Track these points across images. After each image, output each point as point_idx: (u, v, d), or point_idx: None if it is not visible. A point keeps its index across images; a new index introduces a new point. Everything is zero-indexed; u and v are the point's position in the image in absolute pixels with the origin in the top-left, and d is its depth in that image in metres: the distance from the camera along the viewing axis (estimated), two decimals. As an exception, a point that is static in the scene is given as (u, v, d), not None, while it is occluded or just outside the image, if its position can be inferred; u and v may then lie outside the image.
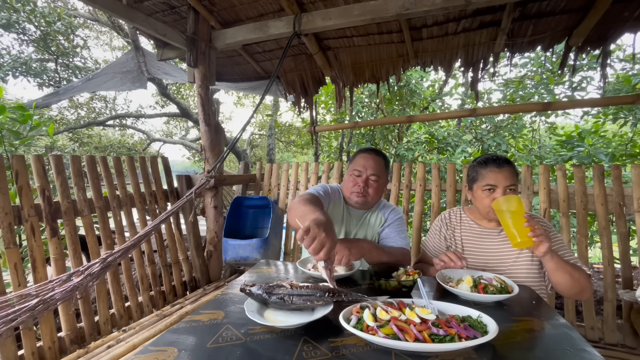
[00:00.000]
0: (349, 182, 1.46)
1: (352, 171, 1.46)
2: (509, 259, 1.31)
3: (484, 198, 1.28)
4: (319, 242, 0.88)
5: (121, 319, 2.04)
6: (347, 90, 3.18)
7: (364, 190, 1.42)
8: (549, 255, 1.10)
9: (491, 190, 1.26)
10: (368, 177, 1.43)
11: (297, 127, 12.46)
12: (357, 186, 1.43)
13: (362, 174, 1.43)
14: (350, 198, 1.46)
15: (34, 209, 1.70)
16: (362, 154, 1.48)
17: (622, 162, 3.65)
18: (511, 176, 1.26)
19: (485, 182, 1.27)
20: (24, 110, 2.45)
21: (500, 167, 1.26)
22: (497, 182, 1.25)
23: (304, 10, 2.34)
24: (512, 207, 1.11)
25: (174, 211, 2.29)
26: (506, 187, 1.24)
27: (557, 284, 1.16)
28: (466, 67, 2.67)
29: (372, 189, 1.44)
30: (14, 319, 1.45)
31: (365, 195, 1.43)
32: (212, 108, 2.70)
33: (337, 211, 1.50)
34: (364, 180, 1.42)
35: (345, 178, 1.50)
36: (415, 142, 5.69)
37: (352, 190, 1.45)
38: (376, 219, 1.51)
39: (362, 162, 1.45)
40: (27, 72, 7.37)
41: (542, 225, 1.30)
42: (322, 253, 0.89)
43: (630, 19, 2.12)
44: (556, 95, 4.96)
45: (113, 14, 2.10)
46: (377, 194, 1.46)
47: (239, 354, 0.71)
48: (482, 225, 1.39)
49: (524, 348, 0.75)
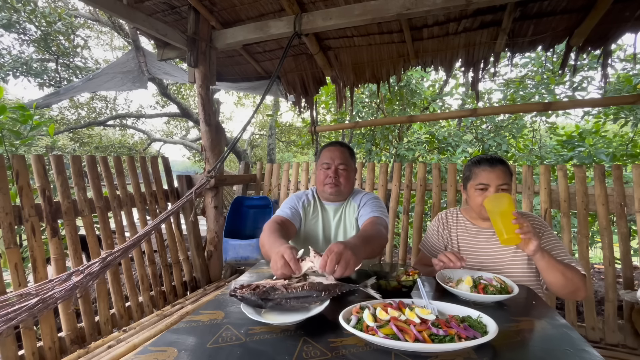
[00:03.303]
0: (320, 176, 1.52)
1: (321, 165, 1.52)
2: (505, 258, 1.31)
3: (476, 197, 1.30)
4: (344, 262, 0.94)
5: (121, 319, 2.05)
6: (348, 90, 3.18)
7: (335, 180, 1.48)
8: (539, 253, 1.11)
9: (484, 189, 1.29)
10: (337, 167, 1.49)
11: (298, 127, 12.46)
12: (328, 177, 1.49)
13: (331, 165, 1.50)
14: (325, 190, 1.51)
15: (35, 209, 1.71)
16: (327, 147, 1.56)
17: (622, 162, 3.65)
18: (503, 175, 1.27)
19: (478, 181, 1.30)
20: (25, 110, 2.46)
21: (492, 167, 1.28)
22: (490, 181, 1.27)
23: (305, 10, 2.34)
24: (501, 205, 1.12)
25: (174, 211, 2.29)
26: (498, 186, 1.26)
27: (549, 283, 1.16)
28: (467, 67, 2.67)
29: (343, 178, 1.50)
30: (14, 317, 1.46)
31: (338, 184, 1.49)
32: (213, 108, 2.70)
33: (313, 212, 1.56)
34: (334, 170, 1.49)
35: (317, 173, 1.55)
36: (416, 142, 5.69)
37: (324, 182, 1.50)
38: (351, 209, 1.56)
39: (328, 154, 1.51)
40: (28, 72, 7.38)
41: (535, 223, 1.30)
42: (348, 271, 0.96)
43: (631, 19, 2.11)
44: (557, 95, 4.95)
45: (114, 14, 2.10)
46: (348, 182, 1.52)
47: (239, 354, 0.71)
48: (477, 225, 1.40)
49: (524, 348, 0.74)
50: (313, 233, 1.54)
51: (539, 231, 1.30)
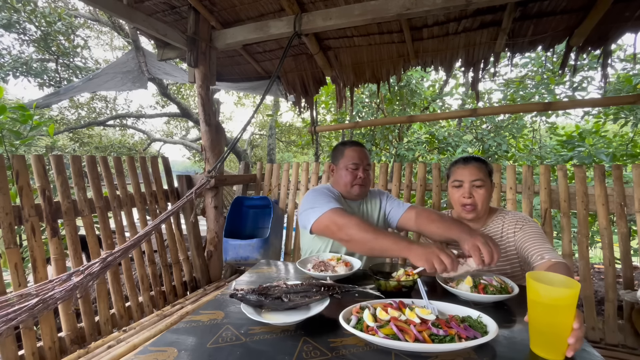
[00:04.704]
0: (348, 177, 1.52)
1: (348, 165, 1.52)
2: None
3: (453, 193, 1.37)
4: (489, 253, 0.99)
5: (121, 319, 2.04)
6: (348, 90, 3.18)
7: (364, 180, 1.52)
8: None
9: (459, 186, 1.35)
10: (364, 167, 1.53)
11: (298, 127, 12.46)
12: (358, 178, 1.51)
13: (359, 165, 1.51)
14: (352, 191, 1.52)
15: (35, 209, 1.70)
16: (351, 147, 1.56)
17: (622, 162, 3.65)
18: (477, 171, 1.31)
19: (453, 178, 1.37)
20: (25, 110, 2.45)
21: (466, 164, 1.35)
22: (463, 177, 1.33)
23: (305, 10, 2.34)
24: (559, 300, 0.70)
25: (174, 211, 2.29)
26: (471, 182, 1.31)
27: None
28: (467, 67, 2.67)
29: (369, 178, 1.56)
30: (14, 318, 1.46)
31: (367, 185, 1.54)
32: (213, 108, 2.70)
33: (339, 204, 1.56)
34: (363, 171, 1.52)
35: (341, 174, 1.54)
36: (416, 142, 5.69)
37: (353, 183, 1.51)
38: (372, 205, 1.61)
39: (355, 155, 1.53)
40: (28, 72, 7.38)
41: (527, 222, 1.30)
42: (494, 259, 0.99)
43: (631, 18, 2.11)
44: (557, 95, 4.96)
45: (114, 14, 2.10)
46: (371, 181, 1.60)
47: (239, 354, 0.71)
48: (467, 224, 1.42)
49: (524, 348, 0.74)
50: None
51: (521, 226, 1.29)
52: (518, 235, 1.29)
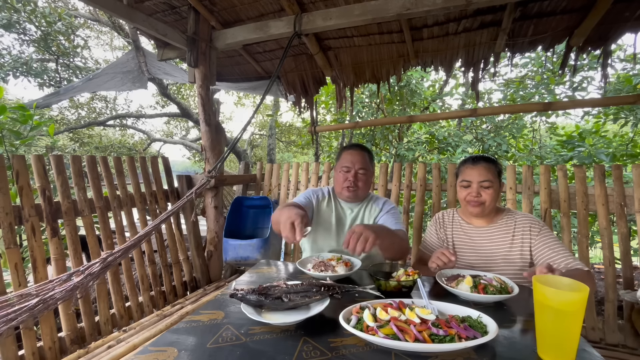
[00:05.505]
0: (339, 178, 1.56)
1: (341, 168, 1.56)
2: (498, 256, 1.34)
3: (461, 192, 1.39)
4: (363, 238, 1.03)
5: (121, 319, 2.05)
6: (348, 90, 3.18)
7: (354, 184, 1.53)
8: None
9: (467, 186, 1.36)
10: (357, 171, 1.54)
11: (298, 127, 12.46)
12: (347, 181, 1.53)
13: (351, 169, 1.54)
14: (342, 193, 1.57)
15: (35, 209, 1.71)
16: (347, 150, 1.59)
17: (622, 162, 3.65)
18: (486, 172, 1.33)
19: (461, 178, 1.39)
20: (25, 110, 2.45)
21: (474, 164, 1.36)
22: (471, 177, 1.34)
23: (305, 10, 2.34)
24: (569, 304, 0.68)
25: (175, 211, 2.29)
26: (479, 183, 1.33)
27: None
28: (467, 67, 2.67)
29: (362, 182, 1.55)
30: (14, 318, 1.46)
31: (356, 188, 1.54)
32: (213, 108, 2.70)
33: (327, 205, 1.62)
34: (354, 174, 1.53)
35: (335, 175, 1.60)
36: (416, 142, 5.69)
37: (343, 186, 1.55)
38: (370, 210, 1.60)
39: (349, 158, 1.55)
40: (28, 72, 7.38)
41: (541, 226, 1.30)
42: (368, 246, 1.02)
43: (631, 19, 2.11)
44: (557, 95, 4.96)
45: (114, 14, 2.10)
46: (366, 185, 1.57)
47: (239, 354, 0.71)
48: (472, 224, 1.43)
49: (524, 348, 0.74)
50: (326, 224, 1.58)
51: (537, 231, 1.30)
52: (536, 240, 1.30)
